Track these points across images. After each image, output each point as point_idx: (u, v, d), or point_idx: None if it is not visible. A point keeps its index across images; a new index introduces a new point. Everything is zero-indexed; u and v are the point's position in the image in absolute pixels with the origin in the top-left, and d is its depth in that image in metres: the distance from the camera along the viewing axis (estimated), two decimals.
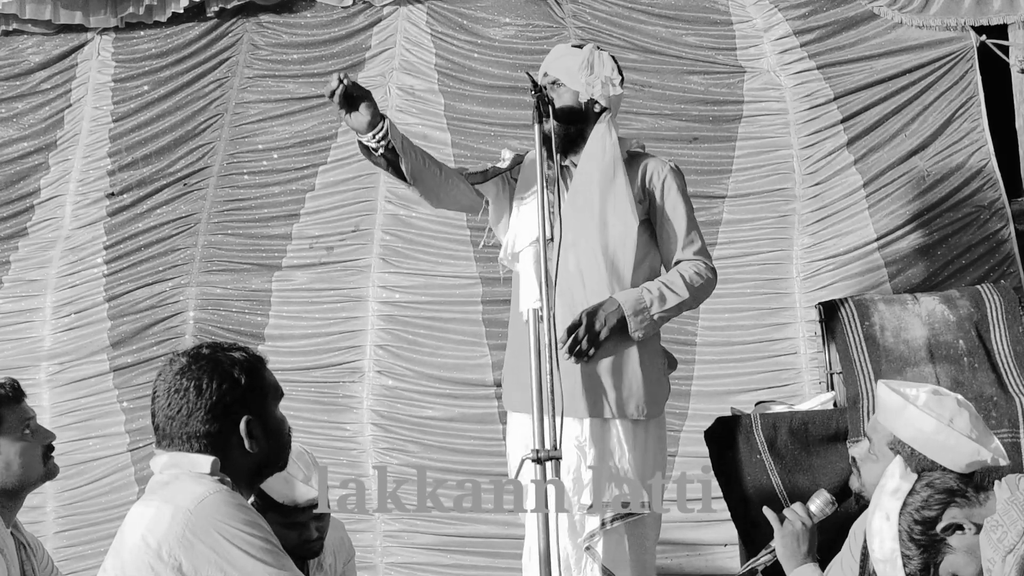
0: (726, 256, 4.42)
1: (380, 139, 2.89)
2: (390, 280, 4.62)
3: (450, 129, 4.74)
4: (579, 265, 2.96)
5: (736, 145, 4.54)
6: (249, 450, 2.06)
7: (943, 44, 4.46)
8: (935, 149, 4.42)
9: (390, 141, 2.90)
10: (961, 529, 2.12)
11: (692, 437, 4.13)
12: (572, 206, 2.99)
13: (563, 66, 3.08)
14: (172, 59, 5.04)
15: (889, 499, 2.21)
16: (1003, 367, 3.54)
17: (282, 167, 4.85)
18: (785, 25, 4.56)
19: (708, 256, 3.11)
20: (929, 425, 2.35)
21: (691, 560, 4.22)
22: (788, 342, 4.33)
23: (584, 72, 3.02)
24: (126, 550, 1.96)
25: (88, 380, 4.74)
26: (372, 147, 2.93)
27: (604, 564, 2.86)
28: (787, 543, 2.56)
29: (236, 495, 2.01)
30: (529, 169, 3.11)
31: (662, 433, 3.08)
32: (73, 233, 4.93)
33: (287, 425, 2.18)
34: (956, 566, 2.12)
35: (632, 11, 4.69)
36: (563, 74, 3.06)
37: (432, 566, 4.39)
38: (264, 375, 2.13)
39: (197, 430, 2.02)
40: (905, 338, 3.59)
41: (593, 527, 2.87)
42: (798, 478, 3.37)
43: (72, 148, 5.06)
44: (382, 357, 4.54)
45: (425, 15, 4.87)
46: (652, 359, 3.01)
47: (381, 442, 4.47)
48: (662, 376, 3.06)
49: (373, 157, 2.98)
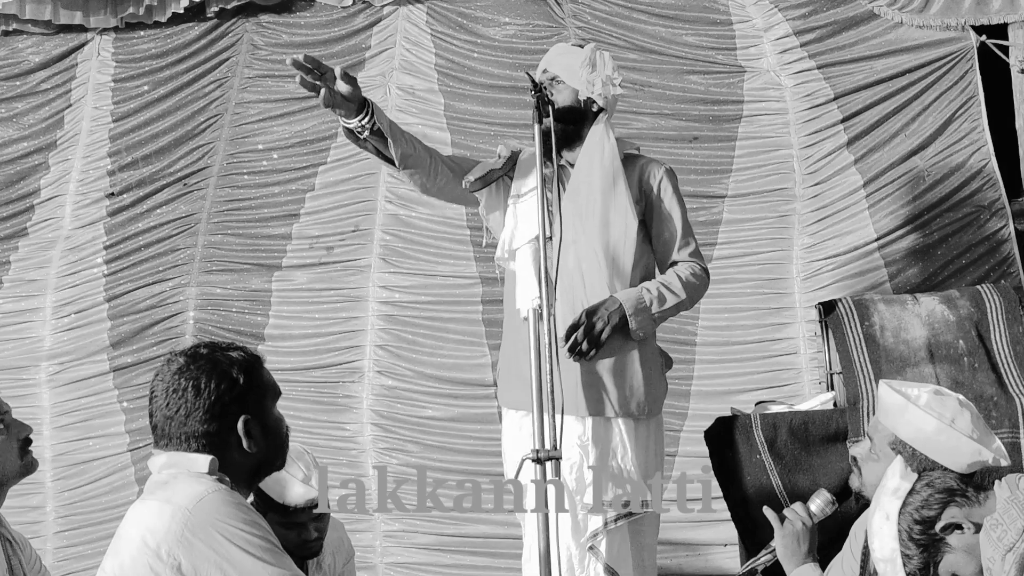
0: (726, 256, 4.42)
1: (366, 122, 2.88)
2: (390, 280, 4.61)
3: (450, 129, 4.74)
4: (579, 264, 2.96)
5: (736, 145, 4.54)
6: (247, 449, 2.06)
7: (943, 44, 4.46)
8: (935, 149, 4.42)
9: (375, 123, 2.89)
10: (960, 528, 2.13)
11: (692, 437, 4.13)
12: (572, 205, 2.99)
13: (564, 63, 3.08)
14: (172, 59, 5.04)
15: (889, 499, 2.21)
16: (1003, 367, 3.54)
17: (282, 167, 4.85)
18: (785, 25, 4.56)
19: (702, 258, 3.13)
20: (930, 425, 2.35)
21: (691, 560, 4.22)
22: (788, 342, 4.33)
23: (585, 69, 3.02)
24: (125, 550, 1.96)
25: (88, 380, 4.74)
26: (357, 130, 2.92)
27: (607, 563, 2.86)
28: (787, 543, 2.56)
29: (235, 494, 2.00)
30: (525, 167, 3.11)
31: (661, 432, 3.09)
32: (73, 233, 4.93)
33: (285, 425, 2.19)
34: (956, 565, 2.13)
35: (632, 11, 4.69)
36: (563, 71, 3.06)
37: (432, 566, 4.39)
38: (262, 374, 2.13)
39: (196, 430, 2.02)
40: (905, 338, 3.59)
41: (596, 526, 2.88)
42: (798, 478, 3.37)
43: (72, 148, 5.06)
44: (382, 357, 4.54)
45: (425, 15, 4.87)
46: (651, 358, 3.02)
47: (381, 442, 4.47)
48: (661, 375, 3.07)
49: (359, 141, 2.98)
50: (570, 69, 3.05)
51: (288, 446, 2.20)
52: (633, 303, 2.91)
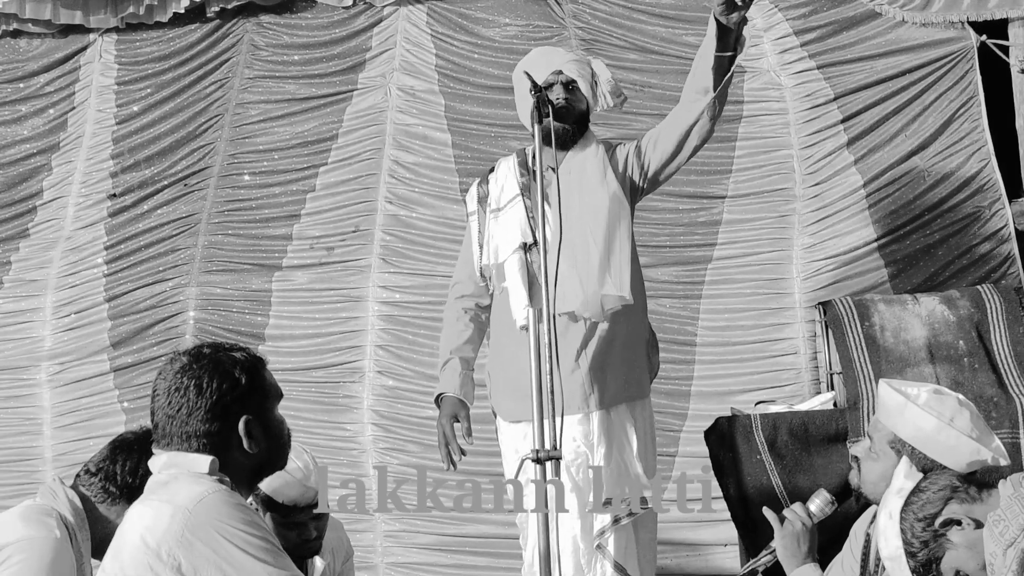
0: (726, 256, 4.42)
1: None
2: (390, 280, 4.62)
3: (450, 130, 4.74)
4: (574, 263, 2.94)
5: (736, 145, 4.53)
6: (248, 450, 2.06)
7: (943, 44, 4.46)
8: (935, 149, 4.42)
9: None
10: (959, 524, 2.14)
11: (692, 437, 4.13)
12: (566, 206, 2.98)
13: (578, 73, 3.10)
14: (175, 62, 5.05)
15: (893, 498, 2.24)
16: (1003, 368, 3.55)
17: (283, 168, 4.85)
18: (785, 25, 4.56)
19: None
20: (930, 424, 2.35)
21: (691, 560, 4.22)
22: (788, 342, 4.32)
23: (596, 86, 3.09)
24: (125, 550, 1.95)
25: (89, 380, 4.74)
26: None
27: (616, 560, 2.86)
28: (787, 543, 2.56)
29: (235, 495, 2.00)
30: (500, 179, 3.12)
31: (650, 413, 3.10)
32: (74, 233, 4.94)
33: (286, 426, 2.19)
34: (958, 562, 2.14)
35: (632, 11, 4.69)
36: (580, 80, 3.08)
37: (432, 566, 4.39)
38: (264, 376, 2.13)
39: (197, 429, 2.02)
40: (905, 338, 3.59)
41: (603, 524, 2.88)
42: (798, 478, 3.38)
43: (75, 150, 5.07)
44: (382, 357, 4.54)
45: (425, 16, 4.87)
46: (635, 340, 3.03)
47: (381, 442, 4.48)
48: (646, 355, 3.08)
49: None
50: (584, 79, 3.08)
51: (289, 448, 2.21)
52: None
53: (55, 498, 2.45)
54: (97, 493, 2.51)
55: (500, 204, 3.09)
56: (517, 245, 2.97)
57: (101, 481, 2.50)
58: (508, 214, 3.03)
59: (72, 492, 2.49)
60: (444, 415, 3.06)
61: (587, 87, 3.07)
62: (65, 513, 2.42)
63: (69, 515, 2.42)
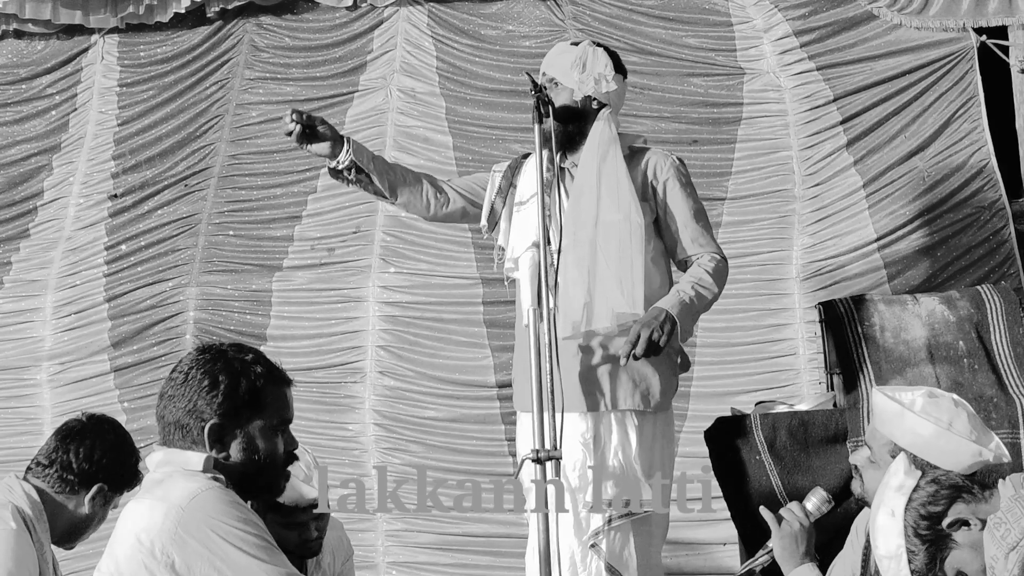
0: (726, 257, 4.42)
1: (347, 162, 2.95)
2: (391, 280, 4.62)
3: (451, 132, 4.75)
4: (579, 265, 2.94)
5: (736, 147, 4.54)
6: (242, 458, 2.06)
7: (943, 45, 4.46)
8: (935, 150, 4.42)
9: (353, 160, 2.95)
10: (967, 525, 2.12)
11: (692, 437, 4.12)
12: (574, 207, 2.98)
13: (559, 65, 3.08)
14: (177, 63, 5.05)
15: (894, 495, 2.21)
16: (1003, 368, 3.54)
17: (284, 169, 4.85)
18: (785, 26, 4.56)
19: (718, 246, 3.11)
20: (928, 430, 2.34)
21: (691, 559, 4.23)
22: (788, 342, 4.33)
23: (576, 70, 3.02)
24: (120, 549, 1.95)
25: (89, 380, 4.75)
26: (341, 170, 2.98)
27: (608, 561, 2.86)
28: (785, 544, 2.56)
29: (229, 492, 2.00)
30: (528, 172, 3.11)
31: (669, 430, 3.07)
32: (74, 234, 4.94)
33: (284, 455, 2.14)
34: (962, 562, 2.12)
35: (632, 13, 4.69)
36: (559, 73, 3.07)
37: (433, 565, 4.39)
38: (283, 394, 2.12)
39: (200, 425, 2.02)
40: (905, 339, 3.58)
41: (597, 524, 2.88)
42: (798, 478, 3.37)
43: (76, 151, 5.08)
44: (383, 358, 4.55)
45: (426, 18, 4.87)
46: (666, 353, 2.99)
47: (383, 442, 4.48)
48: (672, 371, 3.05)
49: (345, 180, 3.03)
50: (563, 70, 3.06)
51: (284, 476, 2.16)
52: (678, 308, 2.88)
53: (11, 492, 2.50)
54: (55, 483, 2.57)
55: (523, 199, 3.09)
56: (530, 243, 2.96)
57: (57, 471, 2.56)
58: (527, 210, 3.02)
59: (28, 485, 2.54)
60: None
61: (572, 79, 3.03)
62: (23, 506, 2.47)
63: (27, 508, 2.47)
